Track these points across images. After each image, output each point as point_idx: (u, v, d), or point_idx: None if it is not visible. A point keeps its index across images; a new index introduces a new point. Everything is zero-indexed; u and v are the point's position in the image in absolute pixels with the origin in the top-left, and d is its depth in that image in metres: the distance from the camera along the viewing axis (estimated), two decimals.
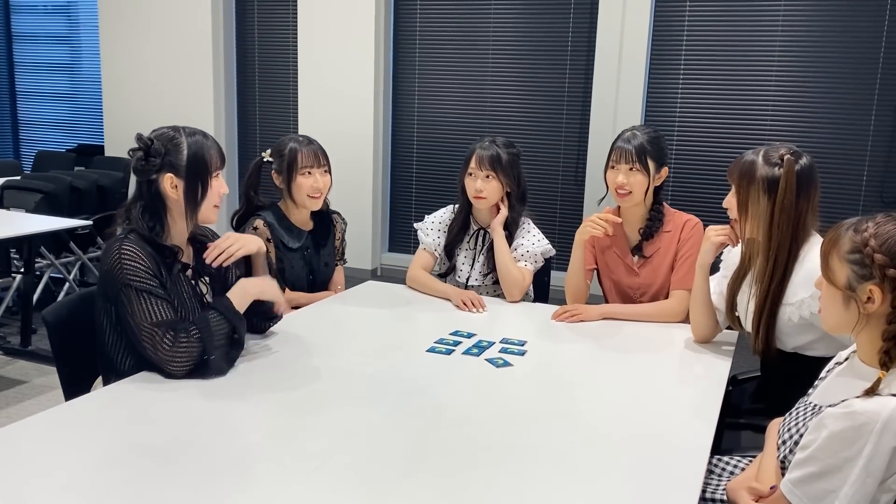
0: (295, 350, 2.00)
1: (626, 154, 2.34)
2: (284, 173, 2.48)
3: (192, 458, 1.36)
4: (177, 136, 1.82)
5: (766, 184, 1.84)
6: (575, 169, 5.29)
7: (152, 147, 1.79)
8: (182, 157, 1.80)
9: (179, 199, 1.82)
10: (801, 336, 1.90)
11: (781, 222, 1.83)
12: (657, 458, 1.44)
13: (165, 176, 1.80)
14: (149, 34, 6.09)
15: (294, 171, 2.45)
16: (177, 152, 1.80)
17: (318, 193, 2.49)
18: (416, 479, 1.33)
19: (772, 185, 1.84)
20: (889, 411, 1.21)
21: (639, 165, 2.33)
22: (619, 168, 2.36)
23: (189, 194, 1.82)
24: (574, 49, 5.15)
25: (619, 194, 2.37)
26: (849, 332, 1.35)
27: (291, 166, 2.45)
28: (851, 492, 1.23)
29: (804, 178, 1.83)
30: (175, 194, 1.81)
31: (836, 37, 4.56)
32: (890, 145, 4.58)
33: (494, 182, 2.53)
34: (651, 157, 2.34)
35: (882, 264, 1.25)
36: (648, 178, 2.35)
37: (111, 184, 4.89)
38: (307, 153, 2.47)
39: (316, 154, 2.48)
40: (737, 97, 4.80)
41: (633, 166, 2.34)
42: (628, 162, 2.34)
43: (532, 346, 2.09)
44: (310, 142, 2.51)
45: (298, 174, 2.45)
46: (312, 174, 2.47)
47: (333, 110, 5.63)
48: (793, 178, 1.81)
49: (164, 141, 1.80)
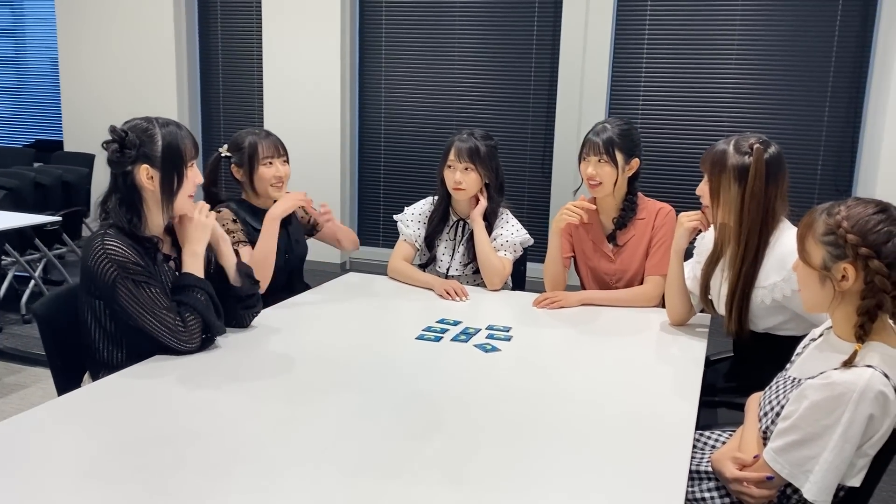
0: (284, 341, 2.03)
1: (595, 146, 2.43)
2: (245, 165, 2.49)
3: (200, 447, 1.40)
4: (150, 126, 1.84)
5: (737, 172, 1.93)
6: (541, 161, 5.38)
7: (127, 138, 1.81)
8: (157, 148, 1.82)
9: (156, 189, 1.84)
10: (773, 317, 2.00)
11: (752, 208, 1.93)
12: (646, 434, 1.52)
13: (141, 167, 1.81)
14: (109, 27, 6.00)
15: (255, 162, 2.48)
16: (151, 143, 1.82)
17: (281, 182, 2.52)
18: (423, 459, 1.38)
19: (742, 173, 1.93)
20: (865, 381, 1.30)
21: (606, 157, 2.42)
22: (590, 160, 2.45)
23: (165, 184, 1.84)
24: (539, 43, 5.23)
25: (590, 185, 2.46)
26: (825, 309, 1.44)
27: (252, 158, 2.48)
28: (831, 457, 1.33)
29: (773, 166, 1.93)
30: (151, 185, 1.83)
31: (792, 33, 4.72)
32: (843, 137, 4.77)
33: (473, 174, 2.59)
34: (619, 150, 2.43)
35: (854, 244, 1.34)
36: (617, 169, 2.43)
37: (76, 179, 4.82)
38: (267, 144, 2.50)
39: (275, 145, 2.52)
40: (697, 91, 4.94)
41: (601, 158, 2.43)
42: (597, 154, 2.43)
43: (517, 332, 2.16)
44: (268, 134, 2.54)
45: (260, 165, 2.48)
46: (273, 164, 2.50)
47: (300, 104, 5.63)
48: (762, 167, 1.91)
49: (138, 132, 1.82)
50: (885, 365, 1.33)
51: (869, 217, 1.35)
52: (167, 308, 1.80)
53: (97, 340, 1.85)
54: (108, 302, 1.79)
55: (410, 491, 1.27)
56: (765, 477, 1.43)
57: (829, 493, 1.34)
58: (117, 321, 1.82)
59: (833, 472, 1.33)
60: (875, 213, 1.36)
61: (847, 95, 4.71)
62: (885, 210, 1.37)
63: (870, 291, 1.34)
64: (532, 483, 1.30)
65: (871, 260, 1.32)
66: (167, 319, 1.80)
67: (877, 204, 1.38)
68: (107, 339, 1.85)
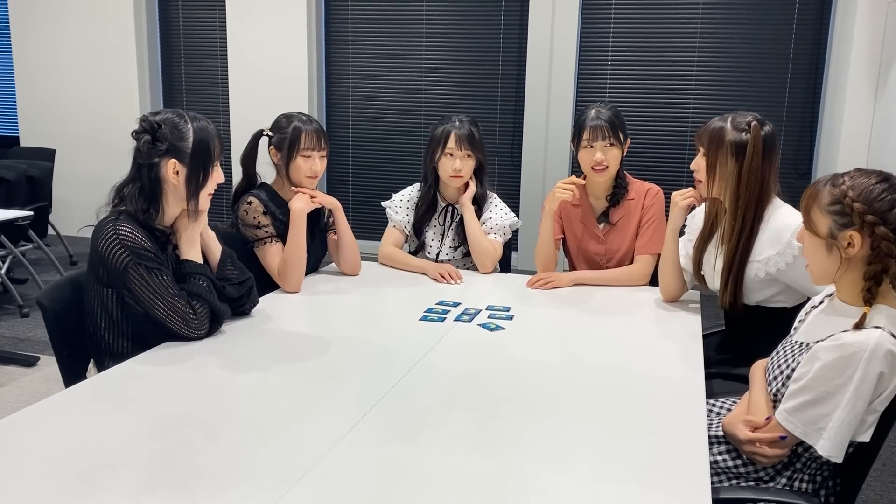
0: (288, 327, 2.04)
1: (602, 130, 2.45)
2: (285, 151, 2.41)
3: (222, 430, 1.40)
4: (182, 122, 1.82)
5: (735, 148, 2.00)
6: (510, 153, 5.43)
7: (159, 131, 1.79)
8: (188, 144, 1.81)
9: (179, 184, 1.83)
10: (765, 290, 2.08)
11: (750, 183, 1.99)
12: (661, 400, 1.58)
13: (169, 161, 1.80)
14: (65, 18, 5.85)
15: (295, 151, 2.39)
16: (182, 138, 1.81)
17: (316, 176, 2.44)
18: (451, 430, 1.41)
19: (740, 149, 2.00)
20: (875, 340, 1.37)
21: (614, 139, 2.46)
22: (597, 145, 2.46)
23: (190, 181, 1.83)
24: (506, 32, 5.28)
25: (595, 171, 2.49)
26: (832, 277, 1.51)
27: (293, 146, 2.39)
28: (843, 414, 1.40)
29: (769, 143, 2.00)
30: (176, 180, 1.82)
31: (751, 25, 4.86)
32: (802, 123, 4.93)
33: (471, 160, 2.62)
34: (621, 130, 2.48)
35: (861, 211, 1.41)
36: (622, 150, 2.48)
37: (40, 174, 4.70)
38: (309, 134, 2.40)
39: (318, 136, 2.42)
40: (661, 81, 5.05)
41: (609, 141, 2.46)
42: (605, 138, 2.46)
43: (517, 312, 2.20)
44: (311, 121, 2.44)
45: (299, 155, 2.40)
46: (312, 157, 2.41)
47: (266, 95, 5.58)
48: (759, 143, 1.98)
49: (170, 126, 1.80)
50: (892, 326, 1.40)
51: (873, 186, 1.42)
52: (178, 295, 1.80)
53: (103, 329, 1.83)
54: (118, 288, 1.77)
55: (447, 458, 1.30)
56: (778, 437, 1.49)
57: (842, 449, 1.41)
58: (125, 309, 1.80)
59: (846, 428, 1.40)
60: (878, 183, 1.43)
61: (805, 83, 4.87)
62: (888, 179, 1.44)
63: (876, 257, 1.41)
64: (559, 451, 1.34)
65: (878, 226, 1.39)
66: (179, 306, 1.79)
67: (879, 174, 1.45)
68: (114, 328, 1.83)
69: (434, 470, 1.26)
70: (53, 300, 1.84)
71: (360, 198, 5.70)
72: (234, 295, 1.98)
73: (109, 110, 5.90)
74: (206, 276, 1.90)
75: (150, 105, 5.92)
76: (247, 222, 2.36)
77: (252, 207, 2.37)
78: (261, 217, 2.36)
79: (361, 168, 5.74)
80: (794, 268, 1.94)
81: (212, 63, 5.86)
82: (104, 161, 5.84)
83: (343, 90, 5.66)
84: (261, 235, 2.36)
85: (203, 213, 1.92)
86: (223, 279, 1.96)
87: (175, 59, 5.95)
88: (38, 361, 3.60)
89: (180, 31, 5.89)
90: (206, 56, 5.87)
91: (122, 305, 1.80)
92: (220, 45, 5.79)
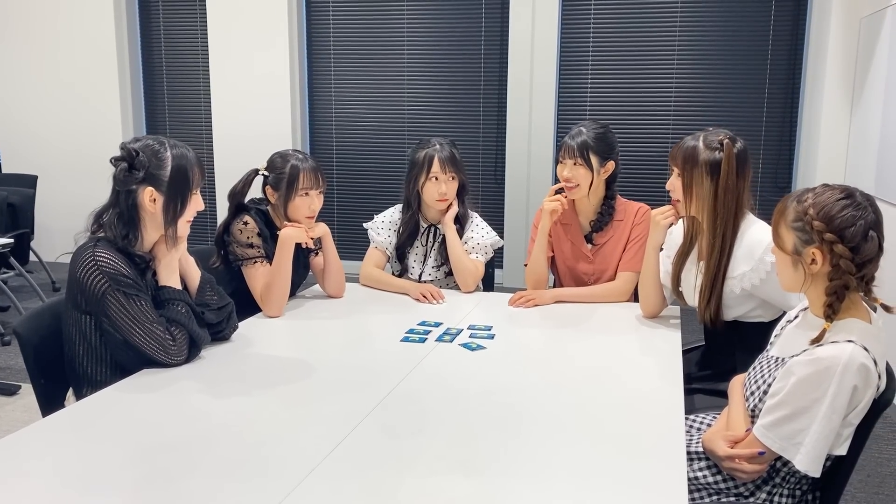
0: (267, 351, 2.03)
1: (570, 150, 2.50)
2: (283, 191, 2.39)
3: (200, 457, 1.39)
4: (161, 149, 1.82)
5: (709, 167, 2.02)
6: (494, 171, 5.46)
7: (137, 159, 1.79)
8: (165, 173, 1.81)
9: (157, 212, 1.83)
10: (743, 306, 2.10)
11: (726, 201, 2.01)
12: (640, 418, 1.58)
13: (146, 189, 1.80)
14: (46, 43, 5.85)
15: (293, 191, 2.38)
16: (160, 167, 1.81)
17: (314, 215, 2.45)
18: (432, 452, 1.41)
19: (714, 168, 2.02)
20: (848, 354, 1.39)
21: (581, 160, 2.49)
22: (565, 163, 2.52)
23: (167, 209, 1.83)
24: (487, 54, 5.33)
25: (566, 188, 2.53)
26: (799, 290, 1.53)
27: (291, 185, 2.38)
28: (820, 428, 1.41)
29: (741, 160, 2.03)
30: (153, 208, 1.82)
31: (729, 38, 4.93)
32: (780, 136, 4.99)
33: (455, 182, 2.64)
34: (594, 153, 2.50)
35: (820, 230, 1.43)
36: (591, 172, 2.50)
37: (21, 201, 4.68)
38: (308, 173, 2.39)
39: (316, 174, 2.41)
40: (641, 98, 5.10)
41: (576, 161, 2.49)
42: (572, 157, 2.50)
43: (499, 330, 2.20)
44: (307, 159, 2.43)
45: (297, 195, 2.39)
46: (310, 195, 2.41)
47: (249, 116, 5.59)
48: (733, 161, 2.00)
49: (149, 154, 1.80)
50: (863, 339, 1.42)
51: (834, 203, 1.44)
52: (157, 322, 1.79)
53: (82, 356, 1.82)
54: (97, 315, 1.77)
55: (427, 481, 1.30)
56: (756, 452, 1.50)
57: (820, 463, 1.42)
58: (103, 336, 1.80)
59: (822, 441, 1.41)
60: (840, 199, 1.45)
61: (782, 97, 4.94)
62: (851, 195, 1.46)
63: (836, 273, 1.43)
64: (540, 469, 1.34)
65: (836, 244, 1.41)
66: (157, 333, 1.79)
67: (843, 189, 1.47)
68: (92, 355, 1.82)
69: (415, 492, 1.26)
70: (31, 329, 1.83)
71: (344, 218, 5.70)
72: (214, 320, 1.98)
73: (92, 136, 5.88)
74: (184, 301, 1.89)
75: (133, 129, 5.92)
76: (240, 241, 2.36)
77: (248, 228, 2.37)
78: (254, 238, 2.37)
79: (345, 189, 5.75)
80: (768, 283, 1.96)
81: (194, 87, 5.87)
82: (87, 187, 5.82)
83: (326, 111, 5.69)
84: (251, 255, 2.36)
85: (182, 239, 1.92)
86: (202, 305, 1.95)
87: (158, 84, 5.96)
88: (19, 390, 3.56)
89: (162, 56, 5.90)
90: (188, 80, 5.88)
91: (101, 332, 1.79)
92: (202, 70, 5.80)
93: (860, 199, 1.46)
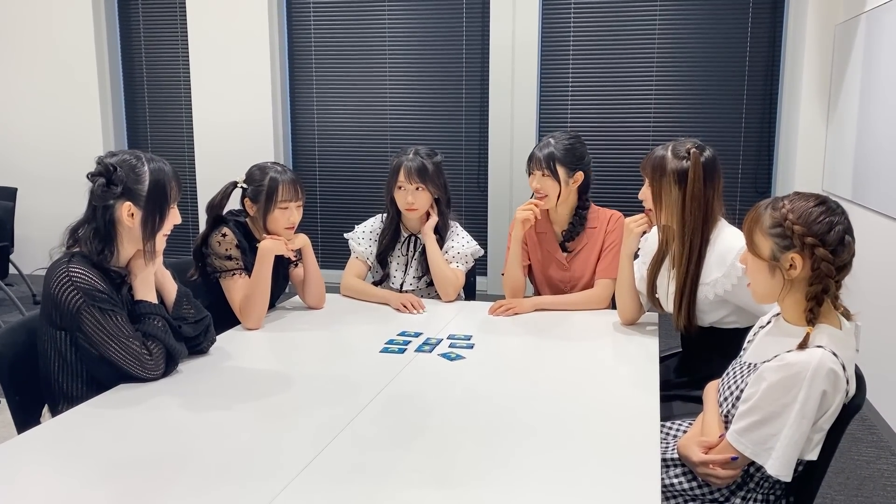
0: (246, 363, 2.03)
1: (537, 161, 2.54)
2: (262, 204, 2.39)
3: (179, 472, 1.39)
4: (139, 164, 1.82)
5: (677, 176, 2.05)
6: (477, 177, 5.48)
7: (115, 174, 1.79)
8: (143, 187, 1.81)
9: (135, 227, 1.82)
10: (717, 312, 2.12)
11: (693, 209, 2.04)
12: (616, 426, 1.60)
13: (123, 204, 1.80)
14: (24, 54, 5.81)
15: (273, 203, 2.38)
16: (138, 181, 1.81)
17: (293, 227, 2.44)
18: (408, 463, 1.41)
19: (681, 177, 2.05)
20: (817, 360, 1.41)
21: (548, 171, 2.52)
22: (535, 174, 2.56)
23: (146, 224, 1.83)
24: (469, 62, 5.35)
25: (537, 196, 2.56)
26: (775, 298, 1.55)
27: (271, 198, 2.38)
28: (790, 433, 1.42)
29: (709, 168, 2.06)
30: (130, 222, 1.82)
31: (707, 45, 4.98)
32: (759, 141, 5.04)
33: (424, 193, 2.64)
34: (561, 164, 2.53)
35: (801, 234, 1.46)
36: (559, 183, 2.53)
37: (1, 214, 4.65)
38: (287, 186, 2.39)
39: (295, 187, 2.41)
40: (620, 107, 5.14)
41: (543, 172, 2.52)
42: (539, 168, 2.54)
43: (478, 340, 2.21)
44: (286, 171, 2.43)
45: (277, 207, 2.39)
46: (289, 208, 2.41)
47: (231, 128, 5.58)
48: (700, 169, 2.03)
49: (126, 169, 1.80)
50: (833, 345, 1.44)
51: (811, 209, 1.47)
52: (133, 336, 1.79)
53: (57, 372, 1.81)
54: (72, 331, 1.76)
55: (402, 493, 1.30)
56: (729, 458, 1.52)
57: (790, 467, 1.44)
58: (79, 351, 1.79)
59: (793, 446, 1.43)
60: (816, 206, 1.47)
61: (760, 103, 4.99)
62: (825, 202, 1.48)
63: (816, 277, 1.46)
64: (516, 479, 1.35)
65: (817, 248, 1.44)
66: (133, 348, 1.78)
67: (816, 197, 1.50)
68: (68, 371, 1.81)
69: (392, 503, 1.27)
70: (6, 345, 1.82)
71: (327, 227, 5.70)
72: (191, 334, 1.97)
73: (72, 148, 5.85)
74: (161, 315, 1.89)
75: (114, 142, 5.89)
76: (218, 253, 2.36)
77: (226, 240, 2.36)
78: (233, 250, 2.37)
79: (327, 196, 5.74)
80: (740, 289, 1.98)
81: (175, 99, 5.85)
82: (67, 199, 5.77)
83: (308, 118, 5.68)
84: (230, 267, 2.36)
85: (159, 253, 1.92)
86: (179, 318, 1.95)
87: (139, 96, 5.93)
88: None
89: (143, 68, 5.88)
90: (169, 92, 5.86)
91: (76, 348, 1.79)
92: (183, 81, 5.78)
93: (833, 206, 1.49)
